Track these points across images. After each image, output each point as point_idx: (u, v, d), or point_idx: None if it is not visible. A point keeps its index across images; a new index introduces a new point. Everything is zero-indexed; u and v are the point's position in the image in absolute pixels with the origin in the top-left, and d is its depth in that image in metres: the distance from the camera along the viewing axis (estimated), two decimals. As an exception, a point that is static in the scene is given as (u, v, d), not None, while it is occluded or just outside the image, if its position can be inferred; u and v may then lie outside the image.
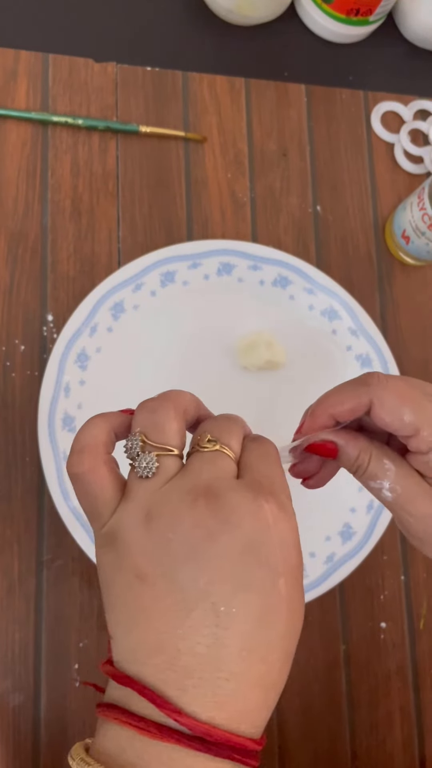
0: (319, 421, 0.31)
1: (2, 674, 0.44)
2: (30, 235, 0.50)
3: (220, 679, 0.24)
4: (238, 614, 0.24)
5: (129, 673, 0.24)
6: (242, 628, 0.24)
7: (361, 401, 0.30)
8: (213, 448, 0.27)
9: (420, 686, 0.50)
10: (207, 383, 0.49)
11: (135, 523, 0.25)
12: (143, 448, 0.26)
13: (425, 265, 0.56)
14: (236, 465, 0.27)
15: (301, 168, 0.56)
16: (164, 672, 0.24)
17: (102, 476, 0.26)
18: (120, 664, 0.25)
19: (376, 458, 0.31)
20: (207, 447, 0.27)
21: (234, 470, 0.27)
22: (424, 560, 0.51)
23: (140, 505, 0.25)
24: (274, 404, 0.50)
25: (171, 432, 0.27)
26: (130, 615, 0.25)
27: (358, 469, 0.31)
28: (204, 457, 0.27)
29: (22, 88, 0.52)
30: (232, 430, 0.28)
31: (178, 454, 0.27)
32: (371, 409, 0.30)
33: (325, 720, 0.48)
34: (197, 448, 0.27)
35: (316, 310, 0.51)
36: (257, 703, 0.25)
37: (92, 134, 0.53)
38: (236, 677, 0.24)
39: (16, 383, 0.48)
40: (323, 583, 0.47)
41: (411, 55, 0.61)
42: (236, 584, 0.24)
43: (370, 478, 0.31)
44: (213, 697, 0.23)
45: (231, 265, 0.50)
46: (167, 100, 0.55)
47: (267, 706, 0.25)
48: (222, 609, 0.24)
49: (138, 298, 0.49)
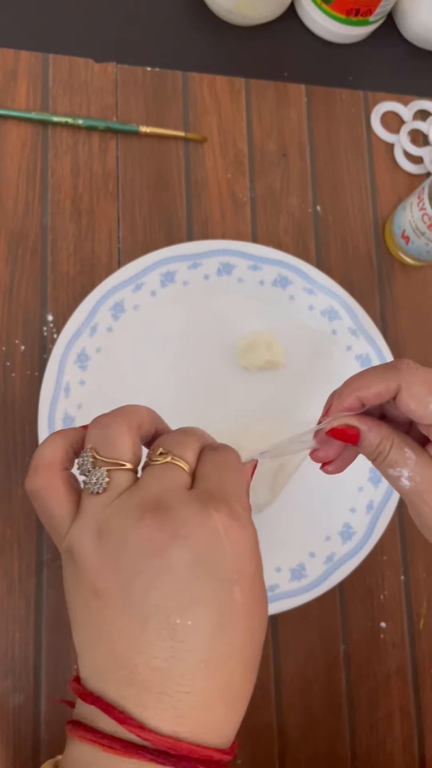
0: (346, 403, 0.31)
1: (2, 674, 0.44)
2: (30, 235, 0.50)
3: (180, 693, 0.24)
4: (193, 627, 0.24)
5: (93, 690, 0.24)
6: (198, 640, 0.24)
7: (389, 386, 0.30)
8: (164, 461, 0.27)
9: (420, 686, 0.50)
10: (207, 383, 0.50)
11: (87, 539, 0.25)
12: (94, 464, 0.26)
13: (425, 265, 0.56)
14: (191, 476, 0.27)
15: (301, 168, 0.56)
16: (125, 687, 0.24)
17: (58, 493, 0.26)
18: (85, 681, 0.25)
19: (397, 446, 0.31)
20: (158, 460, 0.27)
21: (186, 481, 0.26)
22: (424, 560, 0.51)
23: (92, 521, 0.25)
24: (274, 404, 0.50)
25: (123, 447, 0.27)
26: (90, 631, 0.25)
27: (379, 455, 0.31)
28: (154, 470, 0.26)
29: (23, 88, 0.52)
30: (186, 442, 0.28)
31: (130, 469, 0.26)
32: (398, 394, 0.30)
33: (325, 720, 0.48)
34: (149, 461, 0.27)
35: (316, 310, 0.51)
36: (221, 713, 0.25)
37: (92, 134, 0.53)
38: (196, 689, 0.24)
39: (17, 383, 0.48)
40: (323, 583, 0.47)
41: (411, 55, 0.61)
42: (189, 597, 0.24)
43: (390, 466, 0.31)
44: (174, 711, 0.23)
45: (231, 265, 0.50)
46: (167, 101, 0.55)
47: (233, 715, 0.25)
48: (177, 622, 0.24)
49: (138, 298, 0.49)
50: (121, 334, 0.48)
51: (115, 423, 0.27)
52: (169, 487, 0.26)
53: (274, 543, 0.48)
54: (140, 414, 0.28)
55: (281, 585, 0.46)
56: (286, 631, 0.48)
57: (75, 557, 0.25)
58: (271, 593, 0.46)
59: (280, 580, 0.46)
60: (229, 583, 0.24)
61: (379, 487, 0.49)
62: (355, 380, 0.31)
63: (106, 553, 0.25)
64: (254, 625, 0.26)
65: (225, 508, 0.25)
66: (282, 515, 0.48)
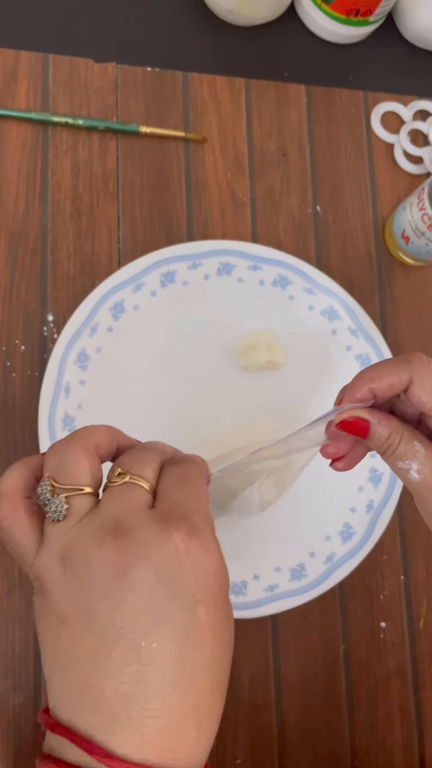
0: (358, 394, 0.32)
1: (2, 673, 0.44)
2: (30, 235, 0.50)
3: (148, 717, 0.23)
4: (158, 649, 0.24)
5: (61, 720, 0.24)
6: (165, 662, 0.24)
7: (401, 378, 0.30)
8: (122, 481, 0.26)
9: (420, 686, 0.50)
10: (207, 383, 0.50)
11: (52, 567, 0.25)
12: (53, 492, 0.26)
13: (425, 266, 0.56)
14: (151, 494, 0.27)
15: (301, 168, 0.56)
16: (92, 715, 0.24)
17: (21, 523, 0.26)
18: (54, 711, 0.25)
19: (407, 439, 0.31)
20: (116, 481, 0.26)
21: (146, 500, 0.26)
22: (424, 560, 0.51)
23: (55, 549, 0.25)
24: (274, 404, 0.50)
25: (79, 471, 0.26)
26: (58, 659, 0.25)
27: (388, 449, 0.32)
28: (113, 491, 0.26)
29: (23, 88, 0.52)
30: (144, 459, 0.27)
31: (91, 492, 0.26)
32: (409, 386, 0.30)
33: (324, 719, 0.48)
34: (108, 483, 0.27)
35: (316, 310, 0.51)
36: (192, 736, 0.24)
37: (92, 134, 0.53)
38: (164, 713, 0.24)
39: (17, 383, 0.48)
40: (323, 582, 0.47)
41: (411, 55, 0.61)
42: (153, 619, 0.24)
43: (399, 459, 0.31)
44: (143, 737, 0.23)
45: (231, 266, 0.50)
46: (167, 101, 0.55)
47: (204, 737, 0.25)
48: (142, 645, 0.23)
49: (138, 298, 0.49)
50: (121, 334, 0.48)
51: (69, 448, 0.27)
52: (128, 508, 0.25)
53: (274, 542, 0.48)
54: (97, 434, 0.28)
55: (281, 585, 0.46)
56: (286, 631, 0.48)
57: (42, 584, 0.25)
58: (271, 593, 0.46)
59: (280, 580, 0.47)
60: (193, 603, 0.24)
61: (379, 487, 0.49)
62: (367, 372, 0.32)
63: (70, 579, 0.25)
64: (221, 642, 0.25)
65: (185, 526, 0.25)
66: (282, 515, 0.48)
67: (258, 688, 0.47)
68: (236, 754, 0.46)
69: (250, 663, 0.47)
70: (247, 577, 0.46)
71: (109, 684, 0.23)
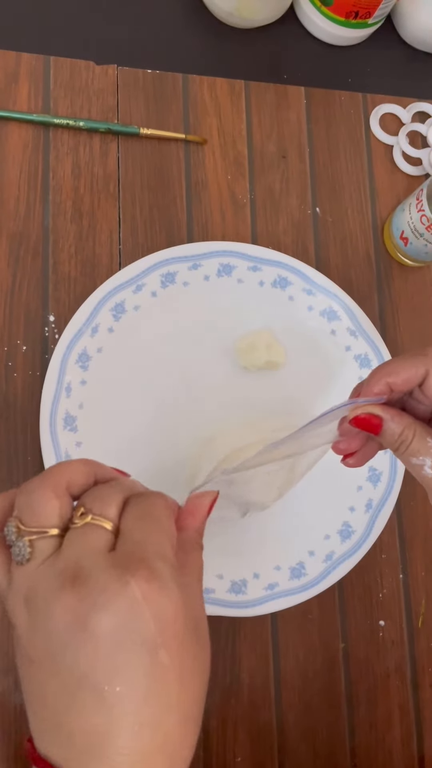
0: (375, 388, 0.32)
1: (3, 672, 0.44)
2: (31, 237, 0.50)
3: (119, 755, 0.24)
4: (122, 692, 0.24)
5: (41, 752, 0.25)
6: (130, 705, 0.24)
7: (417, 371, 0.31)
8: (83, 522, 0.26)
9: (419, 684, 0.50)
10: (207, 383, 0.50)
11: (18, 609, 0.25)
12: (17, 534, 0.26)
13: (423, 266, 0.56)
14: (114, 533, 0.27)
15: (300, 170, 0.56)
16: (67, 750, 0.24)
17: None
18: (35, 742, 0.25)
19: (420, 435, 0.31)
20: (77, 523, 0.26)
21: (107, 541, 0.26)
22: (423, 559, 0.51)
23: (19, 591, 0.26)
24: (274, 404, 0.50)
25: (46, 513, 0.26)
26: (32, 696, 0.25)
27: (401, 445, 0.32)
28: (74, 534, 0.26)
29: (24, 90, 0.53)
30: (105, 497, 0.27)
31: (56, 534, 0.26)
32: (425, 380, 0.31)
33: (324, 718, 0.48)
34: (70, 524, 0.27)
35: (316, 311, 0.52)
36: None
37: (93, 136, 0.53)
38: (134, 751, 0.24)
39: (18, 383, 0.48)
40: (322, 581, 0.47)
41: (410, 57, 0.62)
42: (114, 665, 0.24)
43: (413, 455, 0.32)
44: None
45: (231, 266, 0.51)
46: (168, 103, 0.55)
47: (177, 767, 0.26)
48: (106, 689, 0.24)
49: (139, 299, 0.49)
50: (122, 334, 0.49)
51: (39, 488, 0.27)
52: (87, 552, 0.25)
53: (273, 542, 0.48)
54: (70, 471, 0.28)
55: (280, 583, 0.47)
56: (286, 630, 0.48)
57: (12, 623, 0.26)
58: (271, 591, 0.46)
59: (279, 579, 0.47)
60: (153, 647, 0.24)
61: (378, 486, 0.49)
62: (383, 367, 0.32)
63: (34, 622, 0.25)
64: (190, 678, 0.26)
65: (143, 571, 0.25)
66: (282, 513, 0.48)
67: (258, 686, 0.47)
68: (236, 753, 0.46)
69: (250, 661, 0.47)
70: (247, 576, 0.46)
71: (77, 723, 0.24)
